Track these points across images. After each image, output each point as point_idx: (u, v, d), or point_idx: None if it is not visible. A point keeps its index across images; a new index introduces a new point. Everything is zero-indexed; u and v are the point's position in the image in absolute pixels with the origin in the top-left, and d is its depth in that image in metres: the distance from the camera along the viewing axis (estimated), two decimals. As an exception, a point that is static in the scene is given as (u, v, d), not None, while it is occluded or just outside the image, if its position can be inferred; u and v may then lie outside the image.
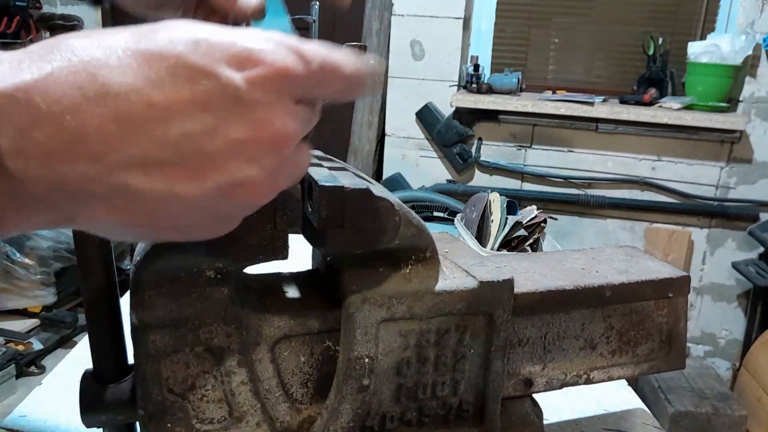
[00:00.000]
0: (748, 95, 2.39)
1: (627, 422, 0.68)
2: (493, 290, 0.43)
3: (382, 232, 0.39)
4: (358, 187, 0.37)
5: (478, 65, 2.54)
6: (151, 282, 0.37)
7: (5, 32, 2.59)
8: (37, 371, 2.39)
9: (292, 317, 0.42)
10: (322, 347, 0.43)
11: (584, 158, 2.56)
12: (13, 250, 2.42)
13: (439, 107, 2.59)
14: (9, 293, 2.48)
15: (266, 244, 0.37)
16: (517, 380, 0.51)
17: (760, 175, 2.45)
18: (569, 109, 2.41)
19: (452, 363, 0.44)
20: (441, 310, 0.42)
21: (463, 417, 0.46)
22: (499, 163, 2.62)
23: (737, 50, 2.27)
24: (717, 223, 2.53)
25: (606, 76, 2.68)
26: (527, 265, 0.55)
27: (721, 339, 2.65)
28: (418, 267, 0.43)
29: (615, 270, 0.56)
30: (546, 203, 2.55)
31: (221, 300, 0.39)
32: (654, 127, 2.41)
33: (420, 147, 2.68)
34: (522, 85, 2.56)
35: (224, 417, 0.40)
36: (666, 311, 0.57)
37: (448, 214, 2.32)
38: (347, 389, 0.41)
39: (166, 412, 0.39)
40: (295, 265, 0.46)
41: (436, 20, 2.53)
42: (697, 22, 2.53)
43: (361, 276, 0.41)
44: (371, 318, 0.40)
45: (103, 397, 0.41)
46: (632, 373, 0.57)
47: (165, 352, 0.38)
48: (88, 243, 0.40)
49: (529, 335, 0.51)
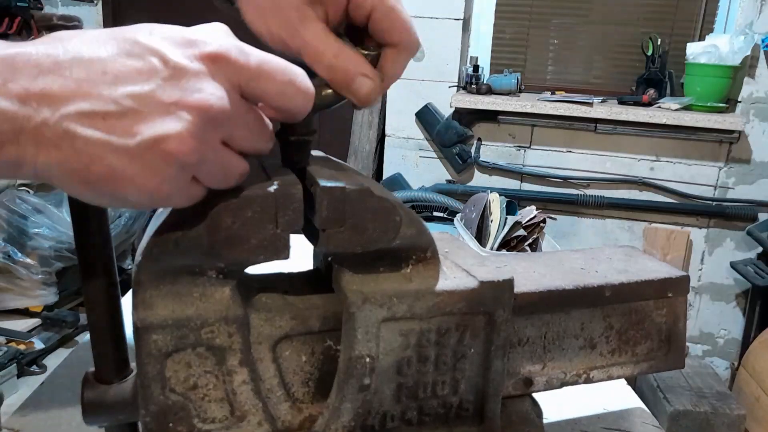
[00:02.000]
0: (747, 96, 2.39)
1: (626, 421, 0.68)
2: (493, 290, 0.44)
3: (382, 232, 0.39)
4: (359, 187, 0.37)
5: (477, 66, 2.54)
6: (152, 282, 0.37)
7: (6, 33, 2.59)
8: (39, 371, 2.38)
9: (293, 317, 0.42)
10: (323, 347, 0.43)
11: (583, 158, 2.56)
12: (15, 249, 2.42)
13: (439, 108, 2.59)
14: (10, 293, 2.48)
15: (267, 244, 0.37)
16: (517, 379, 0.51)
17: (758, 175, 2.45)
18: (568, 109, 2.41)
19: (452, 362, 0.44)
20: (441, 309, 0.42)
21: (463, 416, 0.46)
22: (499, 163, 2.62)
23: (736, 51, 2.27)
24: (715, 223, 2.53)
25: (605, 76, 2.68)
26: (527, 265, 0.55)
27: (720, 338, 2.65)
28: (418, 267, 0.43)
29: (614, 270, 0.56)
30: (545, 203, 2.55)
31: (223, 300, 0.39)
32: (653, 127, 2.41)
33: (420, 147, 2.68)
34: (521, 86, 2.56)
35: (226, 416, 0.40)
36: (665, 311, 0.57)
37: (448, 214, 2.32)
38: (348, 388, 0.41)
39: (168, 411, 0.39)
40: (296, 265, 0.47)
41: (435, 21, 2.54)
42: (695, 23, 2.54)
43: (361, 276, 0.41)
44: (372, 317, 0.40)
45: (104, 397, 0.41)
46: (631, 372, 0.57)
47: (166, 352, 0.38)
48: (89, 243, 0.40)
49: (529, 335, 0.51)
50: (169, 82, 0.31)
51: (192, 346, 0.38)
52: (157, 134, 0.30)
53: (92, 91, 0.30)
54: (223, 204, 0.35)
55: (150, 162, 0.31)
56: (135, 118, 0.30)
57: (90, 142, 0.29)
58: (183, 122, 0.31)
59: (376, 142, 2.69)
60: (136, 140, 0.30)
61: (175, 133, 0.30)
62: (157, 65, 0.31)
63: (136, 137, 0.30)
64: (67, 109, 0.29)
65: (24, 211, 2.44)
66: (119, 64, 0.30)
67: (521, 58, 2.72)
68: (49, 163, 0.30)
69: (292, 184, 0.36)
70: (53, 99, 0.29)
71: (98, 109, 0.30)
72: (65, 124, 0.29)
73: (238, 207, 0.35)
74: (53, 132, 0.29)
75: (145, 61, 0.31)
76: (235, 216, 0.35)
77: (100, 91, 0.30)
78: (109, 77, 0.30)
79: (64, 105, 0.29)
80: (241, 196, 0.35)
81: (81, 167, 0.30)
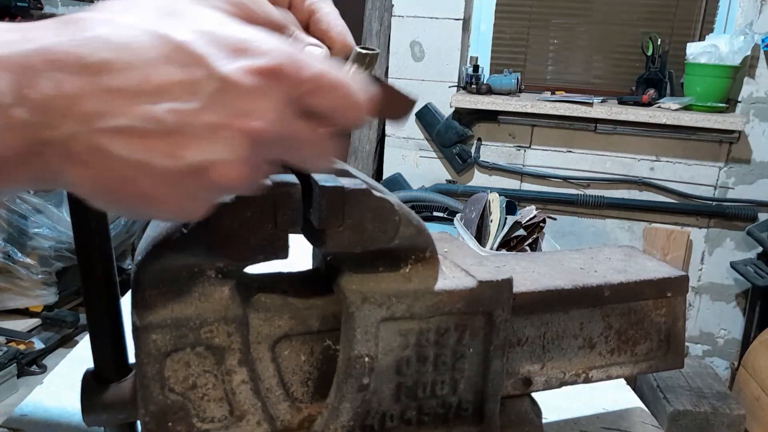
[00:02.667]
0: (747, 96, 2.39)
1: (626, 421, 0.68)
2: (492, 290, 0.44)
3: (381, 232, 0.39)
4: (358, 187, 0.37)
5: (477, 66, 2.54)
6: (152, 281, 0.37)
7: (5, 33, 2.59)
8: (39, 370, 2.39)
9: (292, 316, 0.42)
10: (323, 346, 0.43)
11: (583, 158, 2.56)
12: (15, 249, 2.42)
13: (439, 108, 2.59)
14: (10, 293, 2.48)
15: (267, 244, 0.37)
16: (516, 379, 0.51)
17: (758, 175, 2.45)
18: (568, 109, 2.41)
19: (452, 362, 0.45)
20: (440, 309, 0.42)
21: (462, 416, 0.46)
22: (499, 163, 2.62)
23: (736, 51, 2.27)
24: (715, 223, 2.53)
25: (605, 76, 2.68)
26: (526, 265, 0.55)
27: (720, 338, 2.65)
28: (417, 267, 0.43)
29: (614, 270, 0.56)
30: (545, 203, 2.55)
31: (222, 299, 0.39)
32: (653, 127, 2.41)
33: (420, 147, 2.68)
34: (521, 86, 2.56)
35: (225, 416, 0.40)
36: (664, 311, 0.57)
37: (448, 214, 2.32)
38: (347, 388, 0.41)
39: (167, 411, 0.39)
40: (296, 265, 0.47)
41: (435, 21, 2.54)
42: (695, 23, 2.54)
43: (361, 275, 0.41)
44: (371, 317, 0.40)
45: (104, 397, 0.41)
46: (631, 372, 0.57)
47: (166, 352, 0.38)
48: (89, 243, 0.40)
49: (528, 334, 0.51)
50: (216, 99, 0.27)
51: (191, 345, 0.38)
52: (202, 160, 0.27)
53: (130, 104, 0.26)
54: (223, 204, 0.35)
55: (190, 188, 0.28)
56: (178, 140, 0.26)
57: (126, 163, 0.26)
58: (232, 148, 0.27)
59: (376, 142, 2.70)
60: (177, 165, 0.27)
61: (223, 161, 0.27)
62: (204, 78, 0.26)
63: (178, 162, 0.26)
64: (101, 123, 0.25)
65: (24, 211, 2.44)
66: (160, 73, 0.26)
67: (521, 58, 2.72)
68: (77, 179, 0.27)
69: (291, 184, 0.36)
70: (83, 110, 0.25)
71: (137, 126, 0.26)
72: (97, 139, 0.25)
73: (237, 207, 0.35)
74: (83, 147, 0.26)
75: (190, 71, 0.26)
76: (234, 216, 0.35)
77: (139, 104, 0.26)
78: (149, 88, 0.26)
79: (97, 118, 0.25)
80: (240, 195, 0.35)
81: (113, 187, 0.27)
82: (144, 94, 0.26)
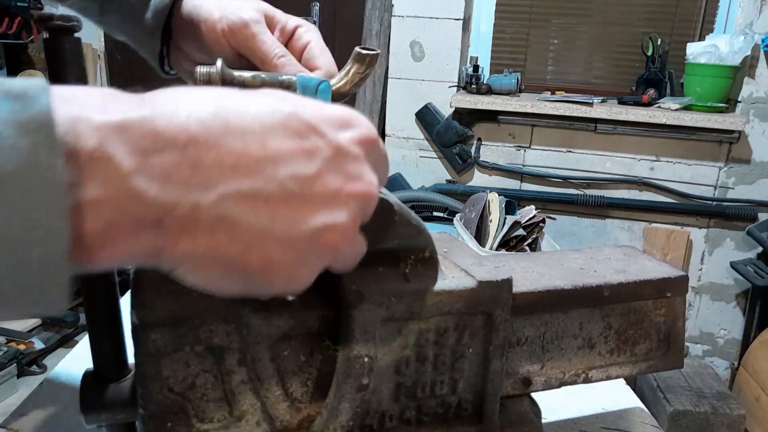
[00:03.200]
0: (747, 96, 2.39)
1: (625, 421, 0.68)
2: (491, 290, 0.44)
3: (381, 232, 0.39)
4: (358, 187, 0.37)
5: (477, 66, 2.54)
6: (151, 281, 0.37)
7: (6, 33, 2.59)
8: (38, 370, 2.39)
9: (291, 316, 0.42)
10: (322, 346, 0.43)
11: (583, 158, 2.56)
12: (13, 250, 2.42)
13: (439, 108, 2.59)
14: (9, 293, 2.48)
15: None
16: (516, 379, 0.51)
17: (758, 175, 2.45)
18: (568, 109, 2.41)
19: (451, 362, 0.45)
20: (440, 309, 0.42)
21: (461, 416, 0.46)
22: (499, 163, 2.62)
23: (736, 51, 2.27)
24: (715, 223, 2.53)
25: (605, 76, 2.68)
26: (526, 265, 0.55)
27: (720, 338, 2.65)
28: (417, 267, 0.43)
29: (613, 270, 0.56)
30: (545, 203, 2.55)
31: (221, 299, 0.39)
32: (653, 127, 2.41)
33: (420, 147, 2.69)
34: (521, 86, 2.56)
35: (224, 416, 0.40)
36: (664, 311, 0.57)
37: (448, 214, 2.32)
38: (346, 388, 0.41)
39: (167, 411, 0.39)
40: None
41: (435, 21, 2.54)
42: (695, 23, 2.54)
43: (360, 275, 0.41)
44: (370, 317, 0.40)
45: (103, 397, 0.41)
46: (631, 372, 0.57)
47: (165, 351, 0.38)
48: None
49: (528, 334, 0.51)
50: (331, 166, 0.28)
51: (190, 345, 0.38)
52: (323, 225, 0.28)
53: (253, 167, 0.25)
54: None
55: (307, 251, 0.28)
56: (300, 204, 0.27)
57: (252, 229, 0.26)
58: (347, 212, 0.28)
59: (376, 142, 2.69)
60: (300, 230, 0.27)
61: (340, 224, 0.28)
62: (320, 145, 0.28)
63: (300, 227, 0.27)
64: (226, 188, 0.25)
65: (24, 211, 2.44)
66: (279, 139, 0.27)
67: (521, 58, 2.72)
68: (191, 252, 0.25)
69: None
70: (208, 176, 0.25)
71: (261, 190, 0.26)
72: (224, 206, 0.25)
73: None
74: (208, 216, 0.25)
75: (308, 139, 0.27)
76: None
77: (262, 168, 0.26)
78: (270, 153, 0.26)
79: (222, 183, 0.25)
80: None
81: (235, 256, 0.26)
82: (265, 160, 0.26)
